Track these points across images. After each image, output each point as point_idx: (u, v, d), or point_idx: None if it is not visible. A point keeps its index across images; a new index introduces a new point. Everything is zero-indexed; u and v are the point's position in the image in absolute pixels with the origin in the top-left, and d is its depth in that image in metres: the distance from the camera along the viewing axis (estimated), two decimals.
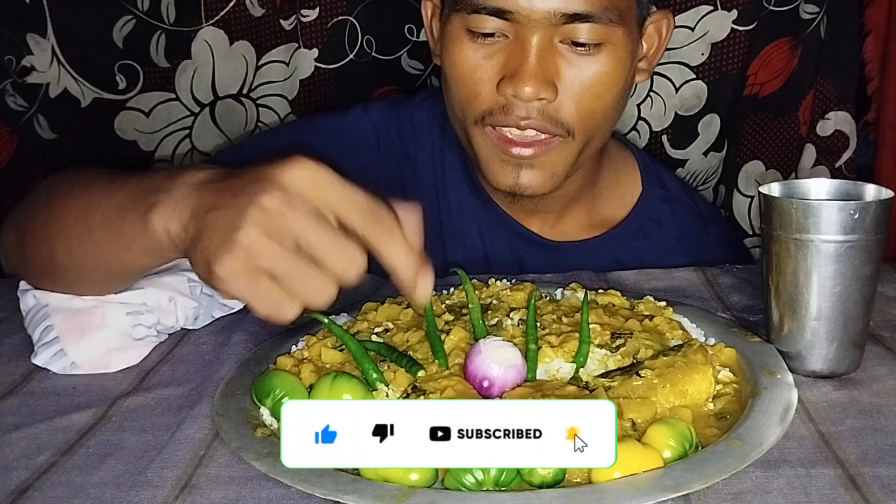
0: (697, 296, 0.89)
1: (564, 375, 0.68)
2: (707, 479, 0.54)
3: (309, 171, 0.58)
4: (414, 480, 0.55)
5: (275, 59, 1.26)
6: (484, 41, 0.88)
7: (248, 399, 0.67)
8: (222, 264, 0.56)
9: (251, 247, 0.55)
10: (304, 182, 0.57)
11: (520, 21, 0.85)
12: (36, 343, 0.77)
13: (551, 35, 0.86)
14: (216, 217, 0.58)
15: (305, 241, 0.56)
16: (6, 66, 1.21)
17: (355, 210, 0.57)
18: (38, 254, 0.78)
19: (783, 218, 0.68)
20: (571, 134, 0.90)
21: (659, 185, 1.09)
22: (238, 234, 0.56)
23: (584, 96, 0.88)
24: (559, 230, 1.05)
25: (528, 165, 0.91)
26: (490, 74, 0.88)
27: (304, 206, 0.56)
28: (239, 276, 0.56)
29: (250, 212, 0.56)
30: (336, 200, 0.57)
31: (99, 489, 0.57)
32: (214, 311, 0.85)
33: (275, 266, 0.56)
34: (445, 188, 1.06)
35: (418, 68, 1.31)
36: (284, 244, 0.56)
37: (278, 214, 0.56)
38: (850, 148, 1.32)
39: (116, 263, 0.72)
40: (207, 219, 0.58)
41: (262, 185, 0.57)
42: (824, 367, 0.70)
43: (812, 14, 1.26)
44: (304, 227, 0.56)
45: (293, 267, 0.56)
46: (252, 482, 0.57)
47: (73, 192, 0.75)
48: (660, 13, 0.98)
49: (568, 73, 0.87)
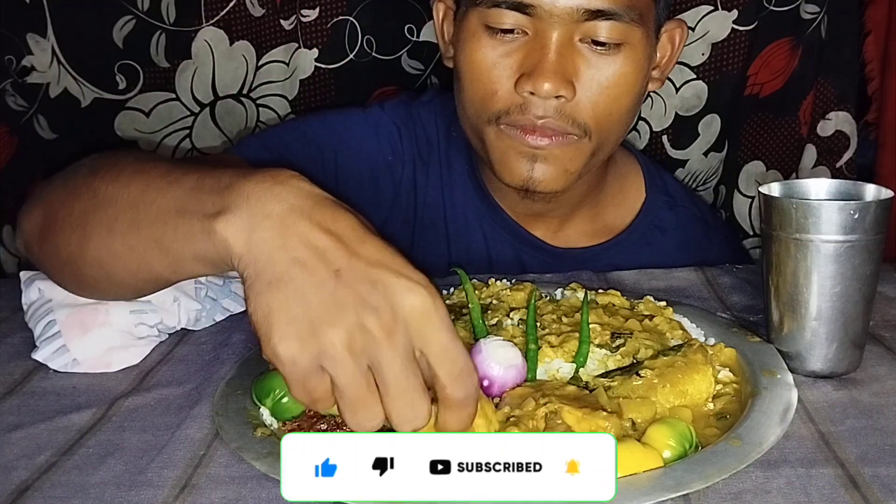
0: (697, 296, 0.89)
1: (564, 375, 0.68)
2: (707, 479, 0.54)
3: (427, 305, 0.52)
4: None
5: (275, 59, 1.26)
6: (503, 37, 0.87)
7: (248, 399, 0.67)
8: (286, 346, 0.51)
9: (328, 350, 0.51)
10: (417, 314, 0.52)
11: (541, 16, 0.85)
12: (37, 338, 0.77)
13: (571, 32, 0.85)
14: (303, 286, 0.52)
15: (383, 374, 0.52)
16: (6, 66, 1.22)
17: (446, 365, 0.53)
18: (68, 244, 0.70)
19: (783, 218, 0.68)
20: (588, 134, 0.89)
21: (663, 192, 1.09)
22: (321, 331, 0.51)
23: (602, 97, 0.88)
24: (562, 236, 1.05)
25: (542, 159, 0.89)
26: (508, 73, 0.87)
27: (403, 342, 0.52)
28: (295, 367, 0.52)
29: (347, 318, 0.51)
30: (436, 346, 0.53)
31: (99, 489, 0.57)
32: (216, 315, 0.85)
33: (338, 379, 0.52)
34: (452, 190, 1.05)
35: (418, 68, 1.31)
36: (361, 364, 0.52)
37: (373, 341, 0.51)
38: (850, 148, 1.32)
39: (161, 265, 0.64)
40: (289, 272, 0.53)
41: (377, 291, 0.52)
42: (824, 367, 0.70)
43: (812, 14, 1.26)
44: (391, 363, 0.52)
45: (355, 390, 0.52)
46: (252, 482, 0.57)
47: (122, 179, 0.68)
48: (674, 22, 0.97)
49: (587, 73, 0.87)
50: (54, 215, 0.73)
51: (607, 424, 0.59)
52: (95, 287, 0.73)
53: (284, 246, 0.54)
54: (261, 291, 0.53)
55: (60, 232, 0.71)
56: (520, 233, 1.04)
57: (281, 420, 0.64)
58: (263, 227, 0.55)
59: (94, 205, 0.68)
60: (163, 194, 0.63)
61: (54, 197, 0.75)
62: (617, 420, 0.60)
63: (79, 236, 0.69)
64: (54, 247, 0.73)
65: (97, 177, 0.70)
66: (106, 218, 0.67)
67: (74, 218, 0.70)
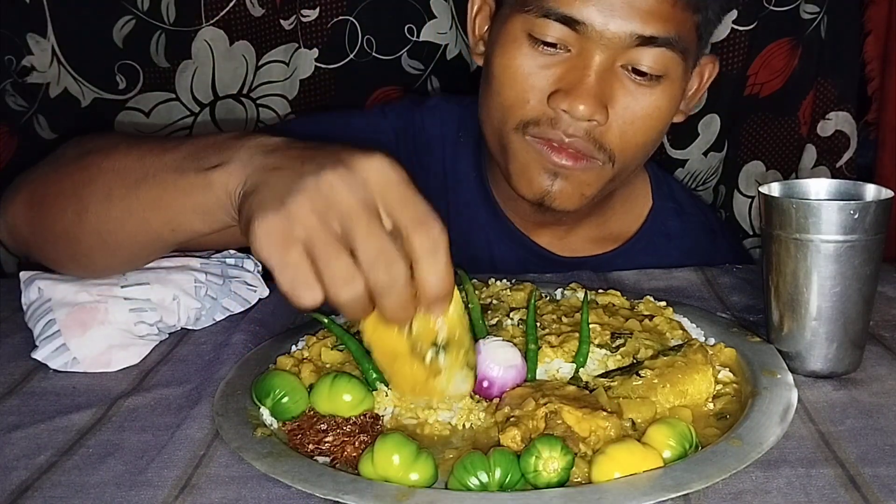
0: (697, 296, 0.89)
1: (564, 375, 0.68)
2: (707, 479, 0.54)
3: (383, 165, 0.56)
4: (414, 480, 0.55)
5: (275, 59, 1.26)
6: (544, 50, 0.86)
7: (248, 399, 0.67)
8: (263, 221, 0.54)
9: (296, 213, 0.54)
10: (374, 172, 0.56)
11: (589, 36, 0.83)
12: (37, 337, 0.77)
13: (615, 57, 0.84)
14: (275, 176, 0.57)
15: (350, 230, 0.54)
16: (6, 66, 1.22)
17: (408, 213, 0.55)
18: (63, 217, 0.73)
19: (783, 218, 0.68)
20: (612, 161, 0.88)
21: (669, 199, 1.08)
22: (288, 197, 0.54)
23: (632, 127, 0.87)
24: (568, 245, 1.04)
25: (563, 177, 0.89)
26: (543, 85, 0.86)
27: (363, 196, 0.55)
28: (274, 239, 0.54)
29: (308, 181, 0.55)
30: (395, 199, 0.55)
31: (99, 489, 0.57)
32: (216, 314, 0.85)
33: (312, 242, 0.54)
34: (456, 197, 1.04)
35: (418, 68, 1.31)
36: (329, 225, 0.54)
37: (334, 193, 0.54)
38: (850, 148, 1.32)
39: (159, 222, 0.68)
40: (267, 176, 0.58)
41: (332, 160, 0.56)
42: (824, 367, 0.70)
43: (812, 14, 1.26)
44: (354, 215, 0.54)
45: (328, 249, 0.54)
46: (252, 482, 0.57)
47: (117, 151, 0.72)
48: (708, 57, 0.96)
49: (622, 101, 0.86)
50: (44, 193, 0.75)
51: (607, 424, 0.59)
52: (91, 257, 0.75)
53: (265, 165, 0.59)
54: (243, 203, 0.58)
55: (54, 207, 0.74)
56: (525, 241, 1.03)
57: (281, 420, 0.64)
58: (252, 162, 0.60)
59: (89, 177, 0.71)
60: (160, 159, 0.67)
61: (41, 178, 0.77)
62: (617, 420, 0.60)
63: (75, 207, 0.72)
64: (47, 222, 0.75)
65: (90, 153, 0.74)
66: (102, 186, 0.70)
67: (68, 191, 0.72)
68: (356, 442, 0.60)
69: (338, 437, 0.61)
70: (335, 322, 0.72)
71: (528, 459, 0.55)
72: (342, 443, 0.60)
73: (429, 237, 0.55)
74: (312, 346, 0.72)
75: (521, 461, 0.55)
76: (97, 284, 0.79)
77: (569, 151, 0.87)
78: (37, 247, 0.79)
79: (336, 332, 0.71)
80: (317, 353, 0.71)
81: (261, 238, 0.54)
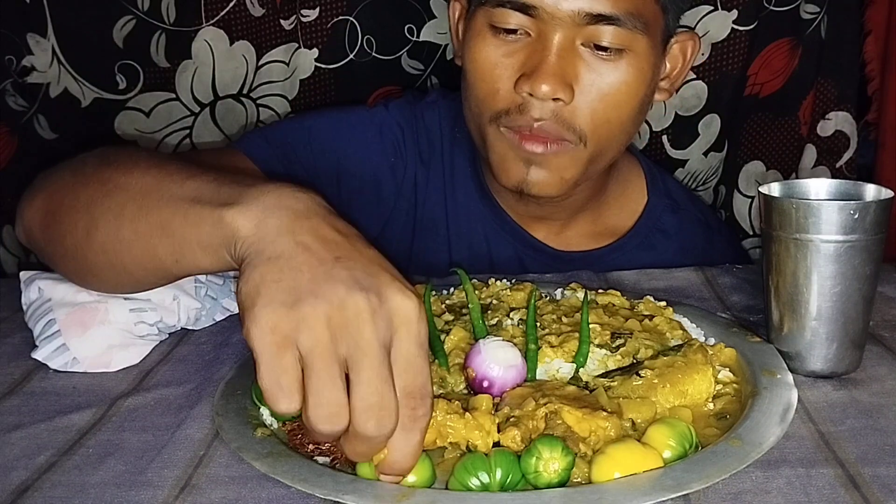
0: (697, 296, 0.89)
1: (564, 375, 0.68)
2: (707, 479, 0.54)
3: (414, 313, 0.52)
4: (411, 482, 0.55)
5: (275, 59, 1.26)
6: (506, 38, 0.88)
7: (248, 399, 0.67)
8: (268, 311, 0.51)
9: (309, 320, 0.50)
10: (402, 316, 0.52)
11: (543, 18, 0.85)
12: (37, 337, 0.77)
13: (574, 36, 0.85)
14: (300, 258, 0.53)
15: (357, 365, 0.51)
16: (6, 66, 1.22)
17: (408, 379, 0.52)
18: (74, 230, 0.70)
19: (783, 218, 0.68)
20: (584, 141, 0.89)
21: (665, 195, 1.08)
22: (308, 298, 0.51)
23: (601, 103, 0.87)
24: (564, 239, 1.05)
25: (537, 163, 0.90)
26: (509, 73, 0.88)
27: (383, 336, 0.51)
28: (274, 334, 0.50)
29: (335, 291, 0.51)
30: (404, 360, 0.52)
31: (99, 489, 0.57)
32: (216, 315, 0.85)
33: (312, 356, 0.50)
34: (454, 191, 1.05)
35: (418, 68, 1.31)
36: (338, 346, 0.51)
37: (358, 320, 0.51)
38: (850, 148, 1.32)
39: (165, 251, 0.64)
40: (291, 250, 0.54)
41: (368, 280, 0.52)
42: (824, 367, 0.70)
43: (812, 14, 1.26)
44: (367, 353, 0.50)
45: (327, 374, 0.50)
46: (252, 482, 0.57)
47: (137, 170, 0.68)
48: (687, 34, 0.97)
49: (586, 78, 0.86)
50: (59, 202, 0.73)
51: (607, 424, 0.59)
52: (98, 276, 0.73)
53: (292, 230, 0.55)
54: (257, 265, 0.54)
55: (66, 218, 0.72)
56: (521, 235, 1.04)
57: (281, 420, 0.64)
58: (275, 215, 0.57)
59: (104, 192, 0.69)
60: (178, 185, 0.64)
61: (59, 185, 0.75)
62: (617, 420, 0.60)
63: (86, 223, 0.69)
64: (59, 234, 0.73)
65: (110, 167, 0.71)
66: (115, 204, 0.67)
67: (81, 204, 0.70)
68: None
69: None
70: None
71: (528, 460, 0.55)
72: None
73: (413, 414, 0.52)
74: None
75: (522, 462, 0.55)
76: None
77: (539, 137, 0.88)
78: (48, 255, 0.77)
79: None
80: None
81: (260, 325, 0.51)
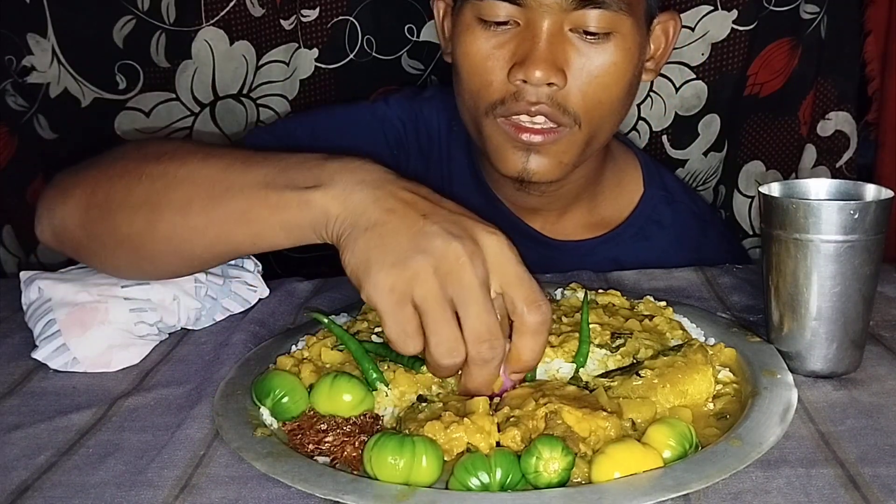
0: (697, 296, 0.89)
1: (564, 375, 0.68)
2: (707, 479, 0.54)
3: (502, 243, 0.61)
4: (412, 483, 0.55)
5: (275, 59, 1.26)
6: (495, 29, 0.89)
7: (248, 399, 0.67)
8: (383, 275, 0.58)
9: (419, 275, 0.58)
10: (495, 248, 0.61)
11: (531, 6, 0.86)
12: (37, 337, 0.77)
13: (561, 22, 0.87)
14: (394, 222, 0.61)
15: (465, 303, 0.59)
16: (6, 66, 1.22)
17: (522, 292, 0.60)
18: (130, 223, 0.74)
19: (783, 218, 0.68)
20: (578, 123, 0.90)
21: (660, 187, 1.09)
22: (415, 255, 0.59)
23: (592, 85, 0.89)
24: (560, 229, 1.06)
25: (536, 151, 0.91)
26: (501, 63, 0.89)
27: (483, 274, 0.59)
28: (391, 294, 0.58)
29: (435, 244, 0.59)
30: (512, 278, 0.61)
31: (99, 489, 0.57)
32: (216, 314, 0.85)
33: (427, 303, 0.58)
34: (452, 183, 1.07)
35: (418, 68, 1.31)
36: (446, 291, 0.58)
37: (460, 265, 0.58)
38: (850, 148, 1.32)
39: (243, 235, 0.70)
40: (384, 217, 0.61)
41: (458, 227, 0.60)
42: (824, 367, 0.70)
43: (812, 14, 1.26)
44: (473, 291, 0.58)
45: (441, 316, 0.58)
46: (252, 482, 0.57)
47: (193, 161, 0.73)
48: (667, 14, 0.98)
49: (577, 61, 0.88)
50: (106, 198, 0.76)
51: (607, 424, 0.59)
52: (155, 263, 0.77)
53: (377, 200, 0.63)
54: (357, 237, 0.62)
55: (119, 212, 0.75)
56: (518, 225, 1.05)
57: (281, 420, 0.64)
58: (357, 191, 0.64)
59: (164, 185, 0.73)
60: (244, 173, 0.70)
61: (100, 181, 0.77)
62: (617, 420, 0.60)
63: (147, 215, 0.73)
64: (110, 228, 0.76)
65: (160, 161, 0.74)
66: (181, 196, 0.72)
67: (138, 198, 0.74)
68: (356, 442, 0.60)
69: (338, 437, 0.61)
70: (335, 322, 0.72)
71: (528, 460, 0.55)
72: (342, 443, 0.60)
73: (540, 316, 0.61)
74: (312, 346, 0.72)
75: (522, 462, 0.55)
76: (97, 284, 0.79)
77: (535, 129, 0.90)
78: (90, 250, 0.79)
79: (336, 332, 0.71)
80: (317, 353, 0.71)
81: (379, 288, 0.59)
